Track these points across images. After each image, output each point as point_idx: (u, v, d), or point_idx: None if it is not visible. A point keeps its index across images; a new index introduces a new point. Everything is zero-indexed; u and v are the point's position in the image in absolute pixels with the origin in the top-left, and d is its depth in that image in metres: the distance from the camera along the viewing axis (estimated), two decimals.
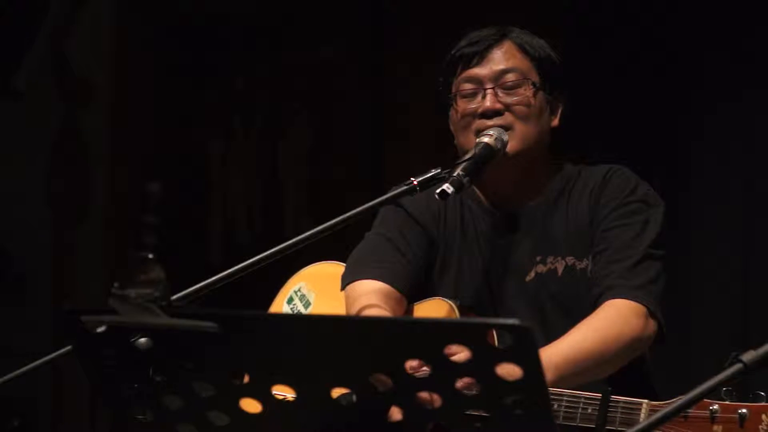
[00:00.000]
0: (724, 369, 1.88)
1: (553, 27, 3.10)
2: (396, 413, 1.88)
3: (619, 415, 2.55)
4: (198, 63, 5.57)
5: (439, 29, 5.12)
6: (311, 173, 5.60)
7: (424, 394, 1.85)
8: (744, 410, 2.38)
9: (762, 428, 2.37)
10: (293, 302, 3.15)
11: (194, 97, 5.59)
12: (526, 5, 4.56)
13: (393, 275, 2.99)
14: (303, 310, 3.11)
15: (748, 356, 1.88)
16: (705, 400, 2.38)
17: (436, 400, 1.85)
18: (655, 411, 2.52)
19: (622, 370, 2.81)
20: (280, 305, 3.16)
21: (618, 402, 2.56)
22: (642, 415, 2.53)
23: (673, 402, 2.49)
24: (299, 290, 3.17)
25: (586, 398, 2.60)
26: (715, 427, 2.40)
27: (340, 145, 5.51)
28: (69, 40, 5.49)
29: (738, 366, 1.87)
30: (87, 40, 5.49)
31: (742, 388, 2.40)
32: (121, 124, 5.51)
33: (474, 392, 1.80)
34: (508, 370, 1.77)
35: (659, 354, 2.95)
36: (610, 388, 2.53)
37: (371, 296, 2.94)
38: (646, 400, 2.55)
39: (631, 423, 2.54)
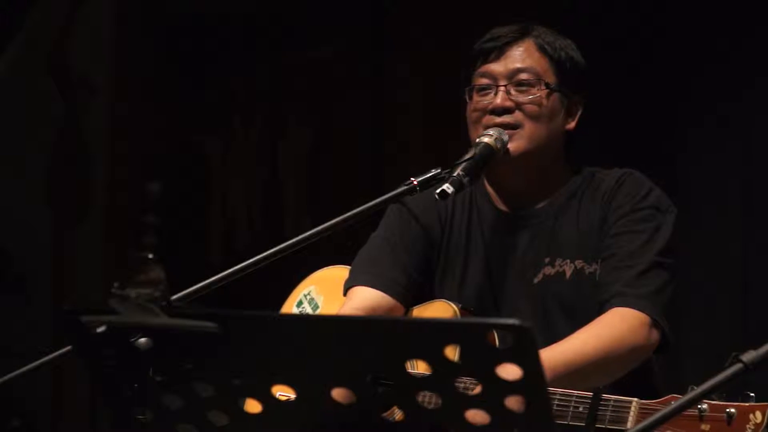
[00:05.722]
0: (724, 369, 1.88)
1: (553, 27, 3.09)
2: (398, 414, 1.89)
3: (609, 413, 2.55)
4: (198, 63, 5.57)
5: (439, 29, 5.13)
6: (311, 173, 5.59)
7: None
8: (732, 410, 2.39)
9: (749, 428, 2.38)
10: (302, 305, 3.17)
11: (194, 97, 5.59)
12: (526, 5, 4.56)
13: (389, 281, 3.00)
14: (311, 313, 3.13)
15: (748, 356, 1.88)
16: None
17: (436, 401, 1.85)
18: (645, 409, 2.52)
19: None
20: (290, 308, 3.17)
21: (609, 400, 2.55)
22: (631, 414, 2.53)
23: (663, 401, 2.50)
24: (309, 294, 3.18)
25: (577, 397, 2.60)
26: (703, 426, 2.40)
27: (340, 145, 5.51)
28: (69, 39, 5.49)
29: (738, 366, 1.87)
30: (87, 40, 5.49)
31: (732, 388, 2.40)
32: (121, 124, 5.51)
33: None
34: (508, 370, 1.77)
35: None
36: (601, 387, 2.52)
37: (365, 308, 2.96)
38: (635, 399, 2.55)
39: (619, 421, 2.53)
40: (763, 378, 1.96)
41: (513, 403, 1.79)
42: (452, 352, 1.78)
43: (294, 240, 2.69)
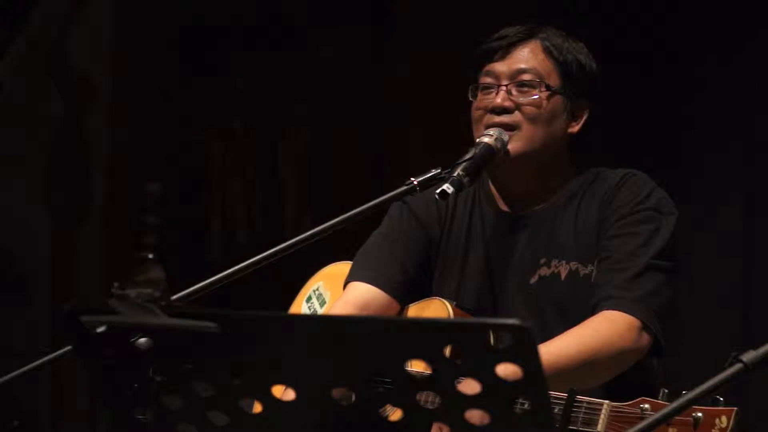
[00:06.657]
0: (724, 369, 1.88)
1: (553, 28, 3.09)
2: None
3: (581, 415, 2.54)
4: (198, 63, 5.57)
5: (439, 29, 5.13)
6: (311, 173, 5.59)
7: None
8: (699, 414, 2.38)
9: None
10: (311, 301, 3.18)
11: (194, 97, 5.59)
12: (526, 5, 4.55)
13: (385, 278, 3.00)
14: (319, 309, 3.15)
15: (748, 356, 1.88)
16: (663, 402, 2.38)
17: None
18: (615, 412, 2.51)
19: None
20: (300, 304, 3.19)
21: (582, 402, 2.54)
22: (602, 416, 2.52)
23: (633, 404, 2.48)
24: (317, 289, 3.19)
25: (553, 398, 2.59)
26: (670, 430, 2.39)
27: (340, 145, 5.51)
28: (69, 40, 5.49)
29: (738, 366, 1.87)
30: (87, 40, 5.49)
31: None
32: (121, 124, 5.51)
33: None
34: (509, 370, 1.76)
35: None
36: (575, 389, 2.51)
37: (357, 303, 2.96)
38: (606, 401, 2.53)
39: (591, 423, 2.52)
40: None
41: (512, 403, 1.79)
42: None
43: (294, 240, 2.69)
